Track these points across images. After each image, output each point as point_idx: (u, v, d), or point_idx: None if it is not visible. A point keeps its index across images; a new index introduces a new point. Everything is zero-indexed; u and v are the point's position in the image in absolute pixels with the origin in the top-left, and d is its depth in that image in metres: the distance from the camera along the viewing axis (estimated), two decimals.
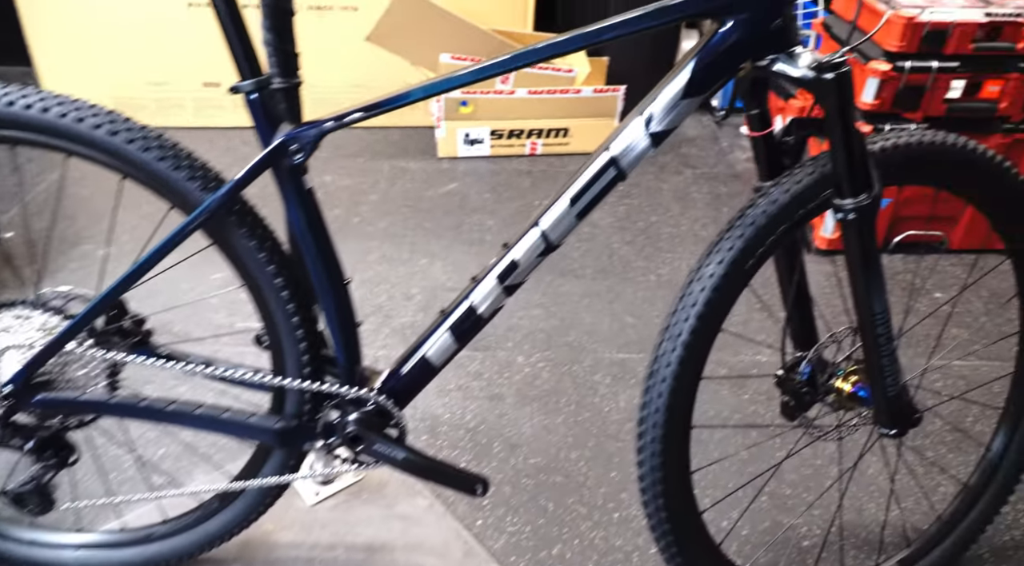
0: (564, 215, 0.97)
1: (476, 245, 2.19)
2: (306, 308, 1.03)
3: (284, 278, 1.00)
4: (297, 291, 1.01)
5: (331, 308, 1.02)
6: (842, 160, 0.90)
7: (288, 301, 1.00)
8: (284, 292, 1.00)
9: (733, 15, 0.87)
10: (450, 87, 0.95)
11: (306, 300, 1.03)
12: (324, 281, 1.01)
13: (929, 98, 1.91)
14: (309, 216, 0.98)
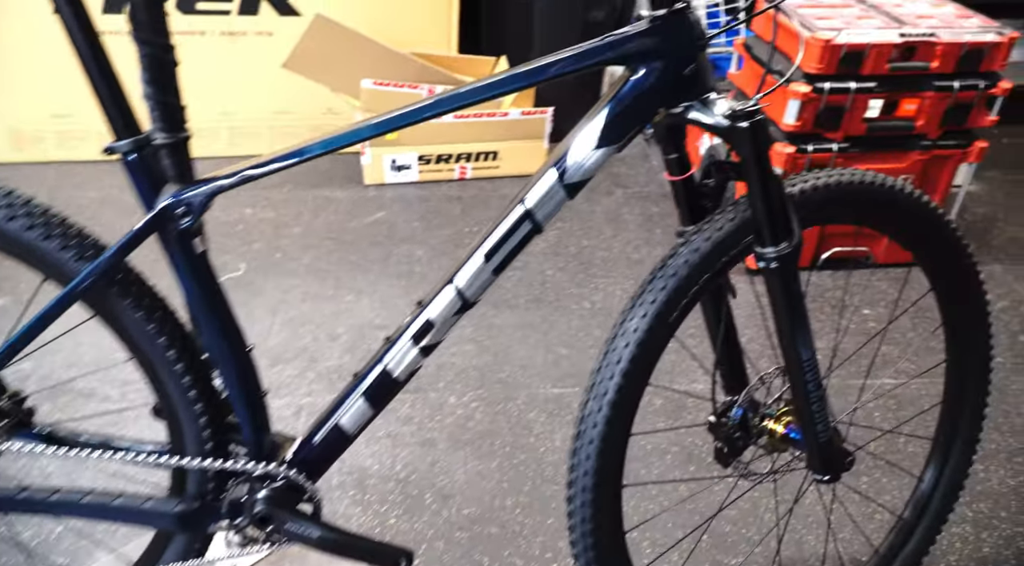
0: (480, 271, 0.92)
1: (405, 278, 2.12)
2: (205, 380, 0.94)
3: (178, 350, 0.91)
4: (193, 363, 0.93)
5: (233, 379, 0.94)
6: (761, 208, 0.87)
7: (183, 374, 0.92)
8: (178, 365, 0.92)
9: (645, 63, 0.83)
10: (350, 141, 0.88)
11: (205, 371, 0.95)
12: (224, 350, 0.93)
13: (849, 118, 1.93)
14: (202, 282, 0.90)
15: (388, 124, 0.87)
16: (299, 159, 0.88)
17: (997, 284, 2.16)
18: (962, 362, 1.16)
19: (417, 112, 0.86)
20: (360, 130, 0.88)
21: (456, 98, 0.86)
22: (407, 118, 0.87)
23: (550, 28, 2.69)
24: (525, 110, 2.55)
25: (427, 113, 0.87)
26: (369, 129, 0.87)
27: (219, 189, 0.86)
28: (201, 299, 0.90)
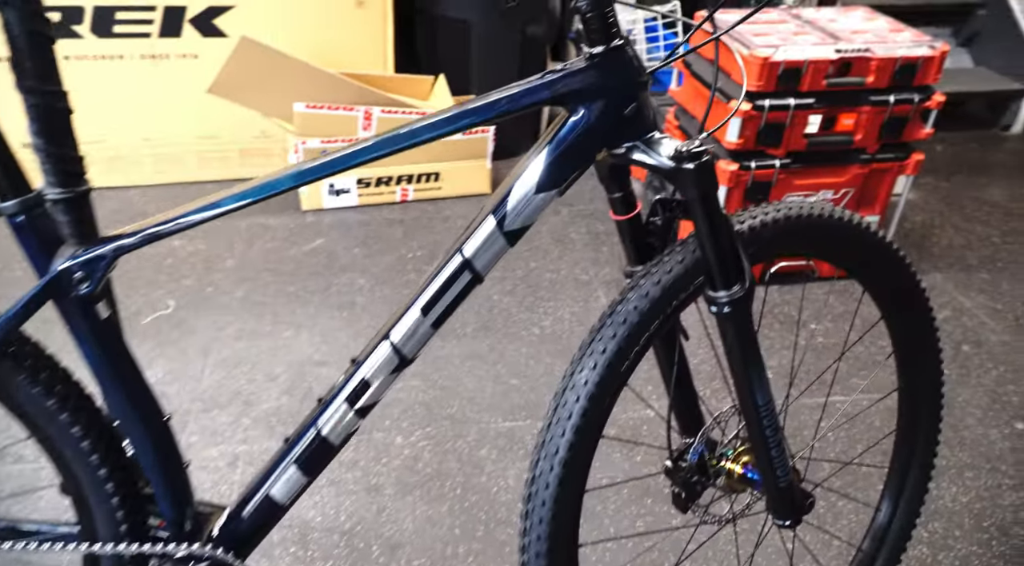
0: (417, 326, 0.85)
1: (347, 309, 2.04)
2: (116, 455, 0.86)
3: (83, 426, 0.82)
4: (102, 437, 0.84)
5: (149, 452, 0.86)
6: (711, 252, 0.82)
7: (91, 452, 0.83)
8: (84, 442, 0.83)
9: (584, 103, 0.78)
10: (271, 192, 0.81)
11: (116, 444, 0.86)
12: (137, 422, 0.85)
13: (789, 134, 1.93)
14: (109, 351, 0.81)
15: (315, 172, 0.80)
16: (215, 212, 0.81)
17: (938, 293, 2.19)
18: (914, 389, 1.14)
19: (349, 157, 0.80)
20: (281, 180, 0.81)
21: (389, 142, 0.80)
22: (337, 164, 0.80)
23: (487, 45, 2.64)
24: (467, 131, 2.49)
25: (360, 158, 0.80)
26: (290, 179, 0.80)
27: (123, 250, 0.78)
28: (108, 368, 0.81)
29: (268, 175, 0.81)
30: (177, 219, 0.79)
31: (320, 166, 0.79)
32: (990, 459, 1.64)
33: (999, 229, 2.52)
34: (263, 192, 0.80)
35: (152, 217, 0.81)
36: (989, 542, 1.45)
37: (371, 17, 2.55)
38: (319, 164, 0.79)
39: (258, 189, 0.80)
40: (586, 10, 0.75)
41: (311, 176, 0.80)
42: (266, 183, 0.80)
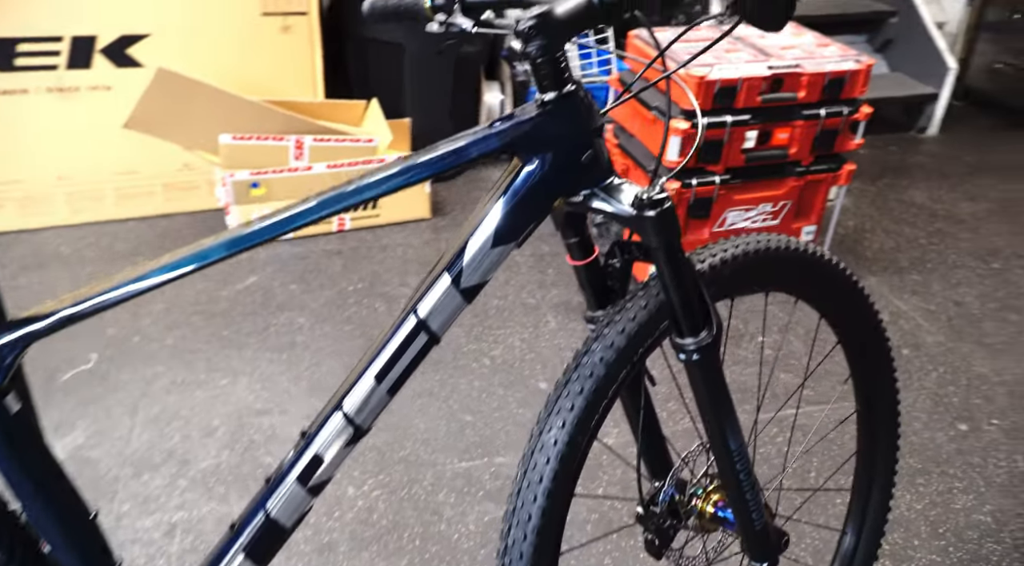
0: (371, 395, 0.79)
1: (287, 351, 1.95)
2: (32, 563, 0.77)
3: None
4: (15, 544, 0.75)
5: (72, 559, 0.77)
6: (676, 299, 0.79)
7: (5, 563, 0.74)
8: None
9: (538, 153, 0.74)
10: (204, 262, 0.74)
11: (32, 552, 0.77)
12: (56, 526, 0.76)
13: (727, 150, 1.94)
14: (21, 450, 0.72)
15: (251, 238, 0.73)
16: (139, 287, 0.73)
17: (875, 298, 2.22)
18: (872, 410, 1.14)
19: (288, 221, 0.74)
20: (213, 249, 0.74)
21: (333, 201, 0.74)
22: (276, 229, 0.74)
23: (421, 68, 2.59)
24: (403, 155, 2.42)
25: (300, 221, 0.74)
26: (222, 247, 0.73)
27: (34, 337, 0.70)
28: (21, 469, 0.72)
29: (199, 244, 0.74)
30: (97, 297, 0.72)
31: (258, 232, 0.73)
32: (939, 463, 1.67)
33: (925, 230, 2.60)
34: (192, 262, 0.73)
35: (69, 294, 0.73)
36: (947, 549, 1.46)
37: (297, 42, 2.46)
38: (256, 230, 0.73)
39: (187, 259, 0.73)
40: (536, 56, 0.71)
41: (247, 243, 0.73)
42: (197, 253, 0.73)
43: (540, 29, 0.69)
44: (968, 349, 2.01)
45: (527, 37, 0.70)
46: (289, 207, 0.74)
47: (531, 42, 0.70)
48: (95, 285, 0.72)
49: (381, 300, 2.15)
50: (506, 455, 1.65)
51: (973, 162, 3.10)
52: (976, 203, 2.77)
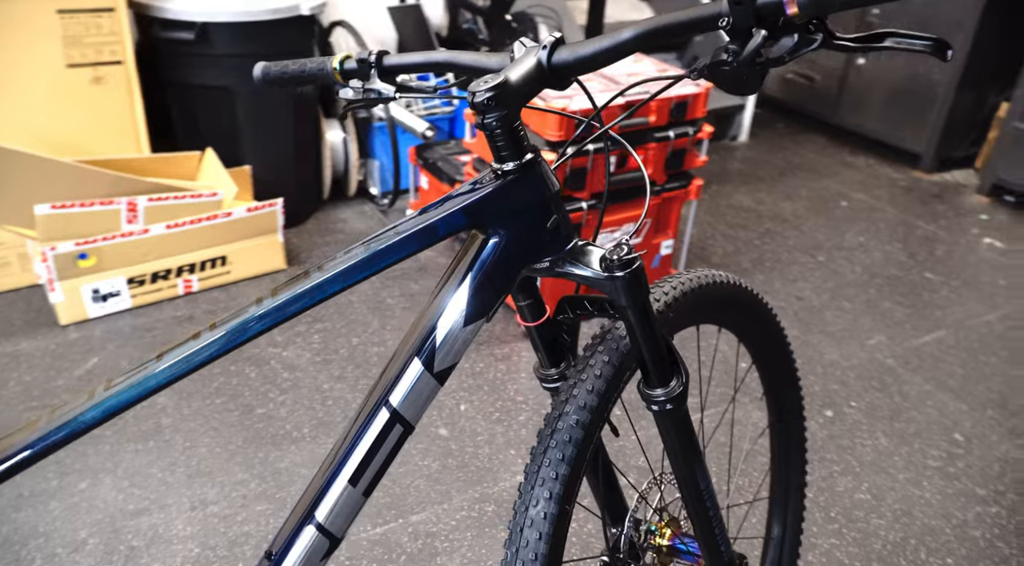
0: (346, 499, 0.72)
1: (152, 437, 1.75)
2: None
3: None
4: None
5: None
6: (648, 353, 0.79)
7: None
8: None
9: (503, 225, 0.71)
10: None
11: None
12: None
13: (591, 177, 2.00)
14: None
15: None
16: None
17: None
18: (783, 419, 1.22)
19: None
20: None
21: (277, 311, 0.67)
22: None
23: (256, 111, 2.44)
24: (251, 206, 2.27)
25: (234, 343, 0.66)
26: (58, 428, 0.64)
27: None
28: None
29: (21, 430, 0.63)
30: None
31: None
32: (816, 450, 1.81)
33: (756, 231, 2.84)
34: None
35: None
36: (840, 531, 1.59)
37: (113, 94, 2.24)
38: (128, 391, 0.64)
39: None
40: (495, 128, 0.69)
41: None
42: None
43: (499, 99, 0.67)
44: (816, 339, 2.22)
45: (485, 108, 0.67)
46: (197, 339, 0.66)
47: (489, 113, 0.68)
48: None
49: (250, 365, 2.00)
50: (421, 512, 1.58)
51: (781, 164, 3.44)
52: (794, 202, 3.07)
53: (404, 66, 0.83)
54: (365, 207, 2.86)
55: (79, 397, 0.63)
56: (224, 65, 2.34)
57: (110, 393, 0.62)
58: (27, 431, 0.61)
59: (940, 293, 2.45)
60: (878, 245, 2.75)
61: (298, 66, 0.87)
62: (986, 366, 2.09)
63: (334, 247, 2.58)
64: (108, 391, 0.63)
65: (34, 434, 0.61)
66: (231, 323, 0.65)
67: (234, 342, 0.65)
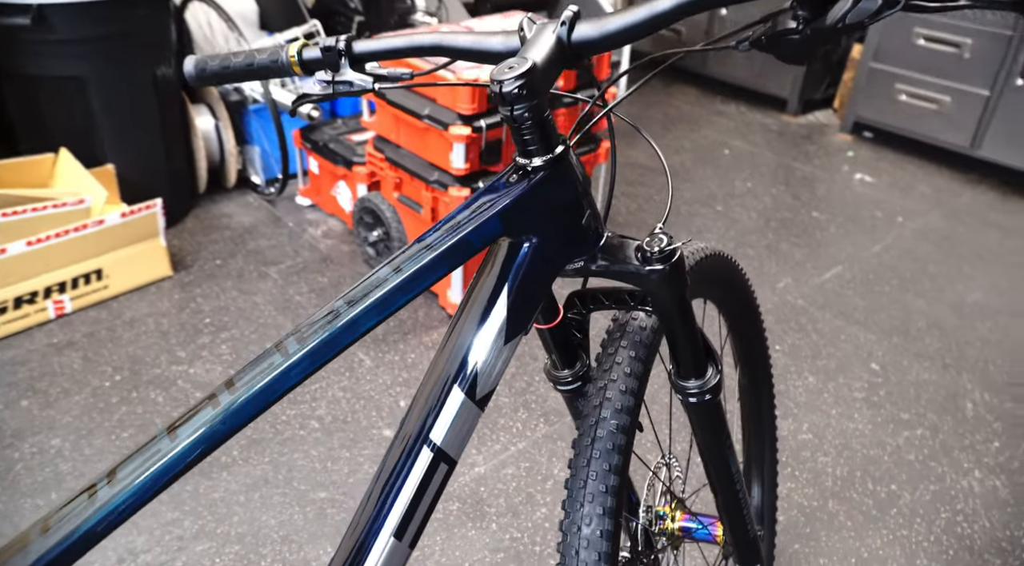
0: (391, 555, 0.63)
1: (52, 487, 1.53)
2: None
3: None
4: None
5: None
6: (684, 346, 0.75)
7: None
8: None
9: (537, 227, 0.64)
10: None
11: None
12: None
13: (507, 148, 1.92)
14: None
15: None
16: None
17: None
18: (754, 381, 1.23)
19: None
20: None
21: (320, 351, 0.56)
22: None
23: (113, 101, 2.16)
24: (127, 211, 2.02)
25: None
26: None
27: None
28: None
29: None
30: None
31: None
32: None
33: (654, 187, 2.88)
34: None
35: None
36: (794, 474, 1.65)
37: None
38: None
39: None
40: (526, 120, 0.60)
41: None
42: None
43: (529, 87, 0.59)
44: None
45: (515, 98, 0.59)
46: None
47: (520, 103, 0.59)
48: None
49: (154, 388, 1.80)
50: None
51: (662, 118, 3.50)
52: (681, 155, 3.14)
53: (382, 52, 0.72)
54: (249, 198, 2.64)
55: (75, 501, 0.50)
56: (69, 52, 2.04)
57: (119, 490, 0.50)
58: (16, 548, 0.48)
59: (829, 231, 2.59)
60: (765, 189, 2.87)
61: (244, 59, 0.74)
62: (883, 295, 2.23)
63: (223, 246, 2.36)
64: (114, 487, 0.50)
65: (31, 553, 0.48)
66: (257, 384, 0.54)
67: (263, 404, 0.54)
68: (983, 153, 2.94)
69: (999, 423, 1.75)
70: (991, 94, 2.86)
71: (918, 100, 3.06)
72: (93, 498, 0.50)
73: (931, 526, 1.49)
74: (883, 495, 1.56)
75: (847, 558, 1.43)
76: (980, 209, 2.77)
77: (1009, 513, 1.52)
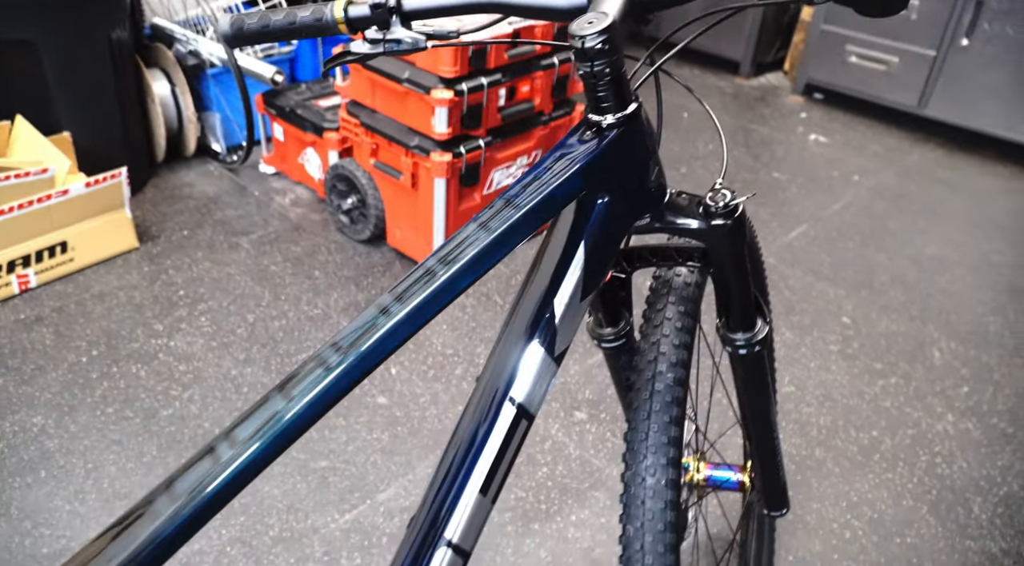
0: (477, 511, 0.64)
1: (41, 466, 1.48)
2: None
3: None
4: None
5: None
6: (739, 300, 0.77)
7: None
8: None
9: (611, 183, 0.64)
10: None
11: None
12: None
13: (486, 113, 1.91)
14: None
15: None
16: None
17: None
18: None
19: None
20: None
21: (423, 309, 0.56)
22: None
23: (69, 65, 2.05)
24: (91, 180, 1.93)
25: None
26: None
27: None
28: None
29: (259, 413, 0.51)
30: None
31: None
32: None
33: None
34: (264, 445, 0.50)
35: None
36: (781, 425, 1.70)
37: None
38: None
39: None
40: (605, 76, 0.60)
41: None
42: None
43: (611, 43, 0.59)
44: None
45: (597, 54, 0.59)
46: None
47: (600, 59, 0.59)
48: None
49: (134, 361, 1.74)
50: (387, 489, 1.49)
51: None
52: None
53: (435, 9, 0.70)
54: (210, 167, 2.55)
55: (198, 464, 0.49)
56: (19, 14, 1.92)
57: (242, 452, 0.49)
58: (145, 511, 0.47)
59: (790, 191, 2.67)
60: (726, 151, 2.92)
61: (285, 18, 0.71)
62: (847, 251, 2.32)
63: (188, 216, 2.28)
64: (236, 449, 0.49)
65: (160, 515, 0.47)
66: (364, 344, 0.53)
67: (370, 364, 0.54)
68: (929, 112, 3.06)
69: (966, 369, 1.86)
70: (937, 54, 2.97)
71: (867, 61, 3.16)
72: (216, 461, 0.49)
73: (913, 469, 1.58)
74: (866, 441, 1.64)
75: (838, 502, 1.50)
76: (929, 166, 2.89)
77: (983, 453, 1.63)
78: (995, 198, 2.69)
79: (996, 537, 1.45)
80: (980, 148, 3.02)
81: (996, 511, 1.50)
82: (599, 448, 1.60)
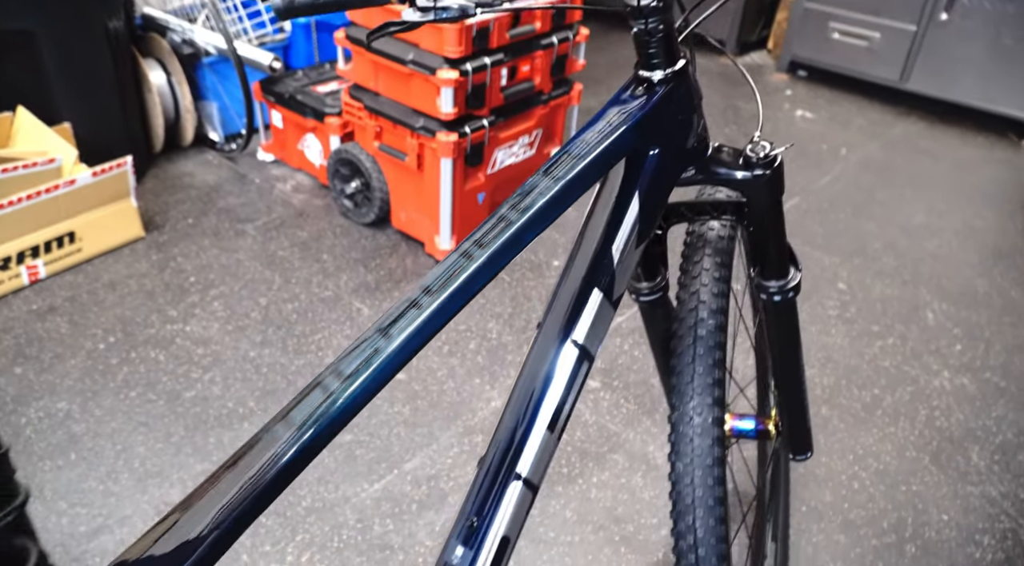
0: (546, 447, 0.69)
1: (71, 449, 1.50)
2: None
3: None
4: None
5: None
6: (774, 249, 0.82)
7: None
8: None
9: (661, 137, 0.69)
10: None
11: None
12: None
13: (490, 93, 1.94)
14: None
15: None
16: None
17: None
18: None
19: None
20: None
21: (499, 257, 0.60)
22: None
23: (67, 55, 2.05)
24: (98, 169, 1.94)
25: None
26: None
27: None
28: None
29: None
30: None
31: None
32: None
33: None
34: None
35: None
36: None
37: None
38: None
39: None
40: (658, 32, 0.65)
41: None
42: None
43: (666, 0, 0.63)
44: None
45: (653, 11, 0.63)
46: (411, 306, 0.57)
47: (655, 16, 0.64)
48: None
49: (152, 347, 1.76)
50: (412, 458, 1.54)
51: (607, 64, 3.55)
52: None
53: None
54: (208, 156, 2.56)
55: (309, 396, 0.53)
56: (19, 3, 1.92)
57: (350, 385, 0.53)
58: (266, 437, 0.51)
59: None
60: (718, 129, 2.98)
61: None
62: (839, 222, 2.39)
63: (191, 205, 2.30)
64: (343, 382, 0.53)
65: (279, 439, 0.51)
66: (451, 286, 0.57)
67: (460, 303, 0.58)
68: (911, 86, 3.14)
69: (958, 329, 1.93)
70: (918, 29, 3.04)
71: (850, 38, 3.23)
72: (327, 394, 0.53)
73: (913, 422, 1.65)
74: (868, 399, 1.71)
75: (845, 455, 1.57)
76: (911, 138, 2.97)
77: (978, 406, 1.70)
78: (976, 167, 2.78)
79: (995, 482, 1.53)
80: (960, 119, 3.10)
81: (993, 458, 1.58)
82: (614, 414, 1.65)
